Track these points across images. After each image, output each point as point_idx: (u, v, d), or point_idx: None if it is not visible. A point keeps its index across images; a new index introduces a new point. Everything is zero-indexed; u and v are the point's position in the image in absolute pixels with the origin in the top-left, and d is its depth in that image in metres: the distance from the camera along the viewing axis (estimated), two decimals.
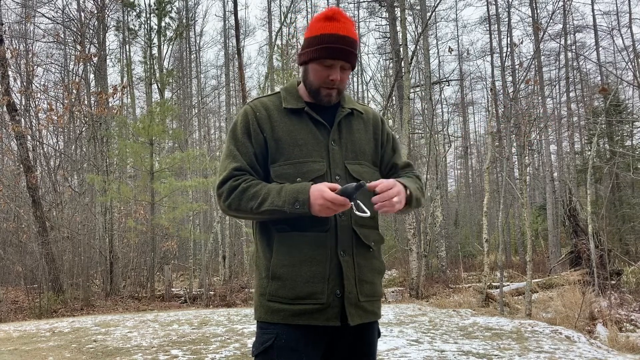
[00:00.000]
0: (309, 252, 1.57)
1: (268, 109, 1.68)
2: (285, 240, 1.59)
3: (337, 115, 1.71)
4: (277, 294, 1.58)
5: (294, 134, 1.64)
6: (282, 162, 1.62)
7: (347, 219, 1.61)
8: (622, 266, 13.01)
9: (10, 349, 5.73)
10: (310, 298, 1.56)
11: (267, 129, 1.65)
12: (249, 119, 1.67)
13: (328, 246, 1.58)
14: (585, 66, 26.59)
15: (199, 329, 6.77)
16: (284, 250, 1.58)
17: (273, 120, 1.66)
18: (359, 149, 1.72)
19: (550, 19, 17.24)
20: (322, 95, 1.66)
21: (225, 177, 1.62)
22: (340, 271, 1.58)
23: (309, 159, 1.63)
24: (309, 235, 1.58)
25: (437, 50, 29.10)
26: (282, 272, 1.58)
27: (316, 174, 1.61)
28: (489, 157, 11.02)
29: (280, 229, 1.60)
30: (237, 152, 1.65)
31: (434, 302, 10.47)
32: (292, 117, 1.67)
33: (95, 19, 18.18)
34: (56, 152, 16.66)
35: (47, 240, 11.57)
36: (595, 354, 5.08)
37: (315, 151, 1.64)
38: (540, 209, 23.43)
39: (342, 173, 1.65)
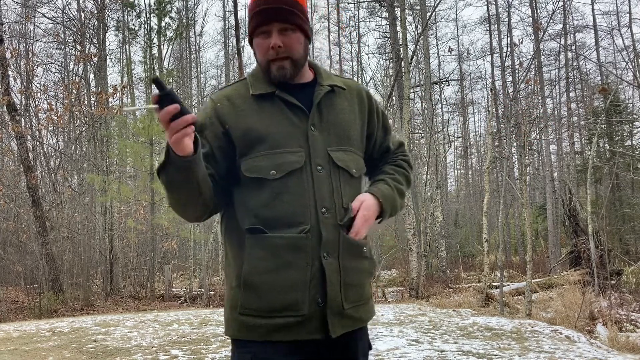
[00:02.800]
0: (286, 257, 1.37)
1: (231, 99, 1.47)
2: (259, 243, 1.39)
3: (315, 95, 1.48)
4: (251, 306, 1.38)
5: (266, 121, 1.43)
6: (253, 155, 1.41)
7: (332, 216, 1.42)
8: (622, 266, 13.01)
9: (10, 349, 5.73)
10: (289, 310, 1.37)
11: (231, 120, 1.43)
12: (207, 113, 1.46)
13: (309, 249, 1.38)
14: (585, 66, 26.61)
15: (199, 329, 6.78)
16: (258, 255, 1.38)
17: (238, 109, 1.45)
18: (343, 133, 1.50)
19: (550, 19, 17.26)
20: (273, 71, 1.43)
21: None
22: (323, 276, 1.39)
23: (285, 148, 1.41)
24: (287, 237, 1.38)
25: (437, 50, 29.12)
26: (256, 281, 1.38)
27: (294, 166, 1.40)
28: (489, 157, 11.02)
29: (253, 231, 1.40)
30: None
31: (434, 302, 10.47)
32: (262, 103, 1.45)
33: (95, 19, 18.18)
34: (56, 152, 16.66)
35: (47, 240, 11.57)
36: (595, 354, 5.08)
37: (291, 139, 1.42)
38: (540, 209, 23.43)
39: (325, 162, 1.44)
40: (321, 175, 1.43)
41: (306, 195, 1.40)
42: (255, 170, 1.40)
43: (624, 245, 19.87)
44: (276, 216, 1.39)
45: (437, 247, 17.42)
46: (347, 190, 1.46)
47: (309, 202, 1.40)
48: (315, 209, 1.40)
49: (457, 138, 31.59)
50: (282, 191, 1.39)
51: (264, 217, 1.39)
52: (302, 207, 1.39)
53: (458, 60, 29.64)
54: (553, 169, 22.45)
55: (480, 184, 28.92)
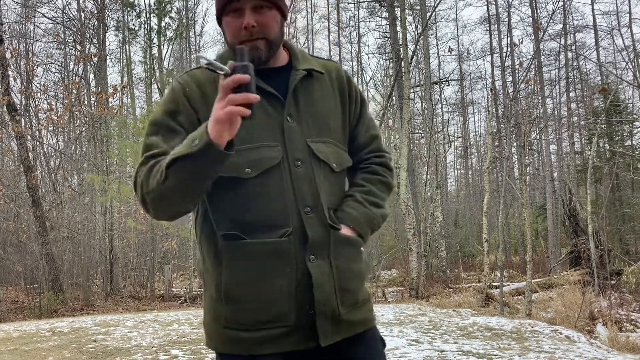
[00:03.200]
0: (268, 264, 1.25)
1: (200, 84, 1.30)
2: (238, 251, 1.25)
3: (291, 81, 1.32)
4: (235, 320, 1.27)
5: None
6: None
7: (317, 215, 1.28)
8: (622, 266, 13.01)
9: (10, 349, 5.73)
10: (276, 321, 1.26)
11: (201, 108, 1.26)
12: (176, 96, 1.29)
13: (292, 253, 1.25)
14: (585, 66, 26.61)
15: (199, 329, 6.77)
16: (237, 265, 1.25)
17: (207, 97, 1.26)
18: (322, 123, 1.35)
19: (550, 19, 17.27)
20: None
21: (137, 169, 1.26)
22: (310, 280, 1.26)
23: (261, 142, 1.26)
24: (269, 242, 1.25)
25: (437, 50, 29.11)
26: (237, 293, 1.26)
27: (271, 162, 1.26)
28: (489, 157, 11.02)
29: (229, 237, 1.26)
30: (156, 139, 1.25)
31: (434, 302, 10.47)
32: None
33: (95, 19, 18.18)
34: (56, 152, 16.66)
35: (47, 240, 11.57)
36: (595, 354, 5.08)
37: (266, 132, 1.27)
38: (540, 209, 23.44)
39: (304, 156, 1.30)
40: (300, 171, 1.29)
41: (286, 194, 1.27)
42: (228, 168, 1.22)
43: (624, 245, 19.87)
44: (254, 220, 1.26)
45: (437, 247, 17.43)
46: (325, 185, 1.33)
47: (289, 203, 1.27)
48: (297, 209, 1.27)
49: (457, 138, 31.60)
50: (259, 192, 1.26)
51: (241, 221, 1.26)
52: (282, 208, 1.26)
53: (458, 60, 29.64)
54: (553, 169, 22.45)
55: (480, 184, 28.92)
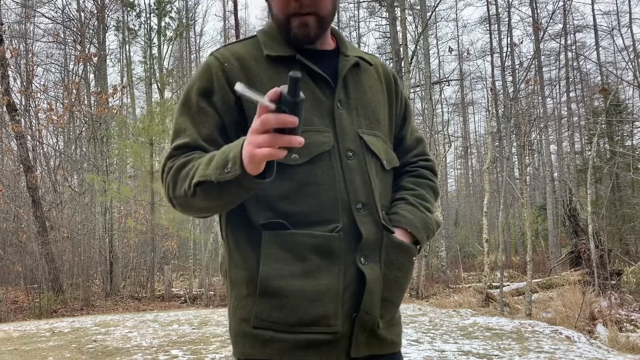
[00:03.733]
0: (314, 260, 1.10)
1: (242, 59, 1.17)
2: (280, 241, 1.11)
3: (341, 66, 1.21)
4: (270, 318, 1.10)
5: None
6: None
7: (370, 213, 1.16)
8: (622, 266, 13.02)
9: (10, 349, 5.73)
10: (319, 324, 1.09)
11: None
12: (212, 74, 1.16)
13: (342, 252, 1.12)
14: (585, 66, 26.60)
15: (199, 329, 6.77)
16: (279, 257, 1.10)
17: (251, 72, 1.16)
18: (372, 115, 1.24)
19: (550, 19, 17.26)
20: (294, 28, 1.15)
21: (165, 160, 1.14)
22: (360, 285, 1.13)
23: (310, 127, 1.12)
24: (317, 235, 1.11)
25: (437, 50, 29.12)
26: (277, 286, 1.09)
27: (322, 148, 1.13)
28: (489, 157, 11.02)
29: (272, 226, 1.12)
30: (188, 124, 1.14)
31: (434, 302, 10.47)
32: (279, 68, 1.17)
33: (95, 19, 18.19)
34: (56, 152, 16.66)
35: (47, 240, 11.57)
36: (595, 354, 5.08)
37: (316, 117, 1.15)
38: (540, 209, 23.44)
39: (356, 147, 1.17)
40: (352, 163, 1.16)
41: (337, 186, 1.13)
42: None
43: (624, 245, 19.86)
44: (300, 211, 1.12)
45: (437, 247, 17.43)
46: (376, 184, 1.20)
47: (340, 196, 1.13)
48: (348, 204, 1.13)
49: (457, 138, 31.60)
50: (307, 180, 1.12)
51: (285, 211, 1.12)
52: (333, 201, 1.13)
53: (458, 60, 29.66)
54: (553, 169, 22.46)
55: (480, 184, 28.91)
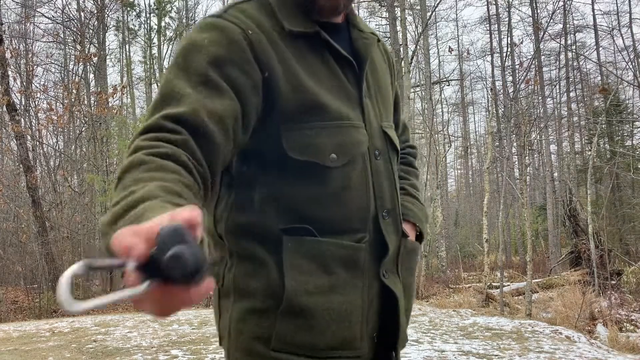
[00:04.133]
0: (340, 273, 0.96)
1: (265, 30, 0.93)
2: (303, 251, 0.94)
3: (362, 45, 1.02)
4: (295, 341, 0.93)
5: (318, 76, 0.95)
6: (306, 125, 0.93)
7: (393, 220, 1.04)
8: (622, 266, 13.00)
9: (10, 349, 5.73)
10: (345, 347, 0.96)
11: (275, 64, 0.91)
12: (233, 42, 0.89)
13: (365, 264, 0.99)
14: (585, 66, 26.59)
15: (199, 329, 6.77)
16: (304, 267, 0.94)
17: (280, 49, 0.93)
18: (387, 102, 1.10)
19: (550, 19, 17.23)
20: (321, 1, 0.96)
21: (140, 131, 0.82)
22: (382, 301, 1.02)
23: (346, 122, 0.96)
24: (346, 246, 0.97)
25: (437, 50, 29.12)
26: (306, 304, 0.93)
27: (359, 149, 0.97)
28: (489, 157, 11.02)
29: (295, 232, 0.94)
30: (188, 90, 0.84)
31: (434, 302, 10.46)
32: (299, 45, 0.95)
33: (95, 18, 18.19)
34: (56, 152, 16.66)
35: (46, 240, 11.57)
36: (595, 354, 5.07)
37: (349, 108, 0.98)
38: (540, 209, 23.44)
39: (382, 144, 1.03)
40: (379, 164, 1.02)
41: (368, 192, 1.00)
42: (310, 151, 0.93)
43: (624, 246, 19.86)
44: (330, 218, 0.96)
45: (437, 247, 17.43)
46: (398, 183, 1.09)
47: (370, 203, 1.00)
48: (375, 212, 1.01)
49: (457, 138, 31.59)
50: (342, 185, 0.96)
51: (312, 217, 0.95)
52: (363, 209, 0.99)
53: (458, 60, 29.65)
54: (553, 169, 22.45)
55: (481, 184, 28.91)
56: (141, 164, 0.73)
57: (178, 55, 0.90)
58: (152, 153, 0.75)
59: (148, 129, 0.81)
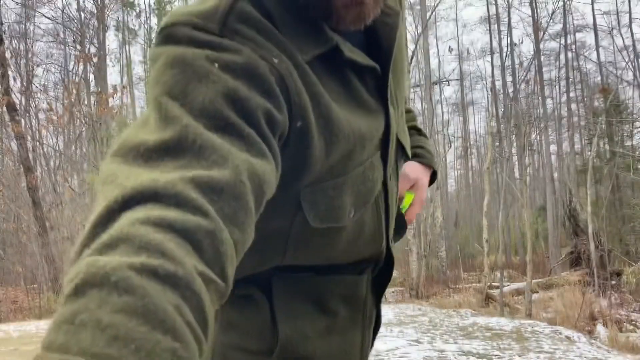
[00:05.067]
0: (340, 310, 0.83)
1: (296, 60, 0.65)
2: (301, 289, 0.80)
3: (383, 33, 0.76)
4: None
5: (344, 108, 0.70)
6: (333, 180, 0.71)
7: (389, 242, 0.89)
8: (622, 266, 13.02)
9: (10, 349, 5.73)
10: None
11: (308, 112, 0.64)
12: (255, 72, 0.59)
13: (365, 295, 0.86)
14: (585, 66, 26.61)
15: None
16: (300, 309, 0.80)
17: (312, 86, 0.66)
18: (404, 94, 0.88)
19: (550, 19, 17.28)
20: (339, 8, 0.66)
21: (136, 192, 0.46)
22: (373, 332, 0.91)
23: (368, 159, 0.75)
24: (349, 280, 0.84)
25: (437, 50, 29.11)
26: (304, 352, 0.80)
27: (374, 191, 0.78)
28: (489, 157, 11.02)
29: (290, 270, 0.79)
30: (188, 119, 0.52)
31: (434, 303, 10.47)
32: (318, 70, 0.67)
33: (95, 19, 18.20)
34: (56, 153, 16.66)
35: (47, 241, 11.57)
36: (595, 354, 5.08)
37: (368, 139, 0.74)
38: (540, 209, 23.44)
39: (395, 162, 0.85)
40: (392, 185, 0.85)
41: (381, 225, 0.83)
42: (332, 216, 0.73)
43: (624, 246, 19.86)
44: (334, 257, 0.81)
45: (437, 247, 17.42)
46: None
47: (382, 234, 0.84)
48: (386, 237, 0.85)
49: (457, 138, 31.59)
50: (357, 234, 0.79)
51: (313, 256, 0.80)
52: (376, 243, 0.84)
53: (458, 60, 29.66)
54: (553, 170, 22.47)
55: (481, 185, 28.92)
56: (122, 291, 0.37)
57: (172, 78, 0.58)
58: (152, 270, 0.39)
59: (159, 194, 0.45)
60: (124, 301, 0.36)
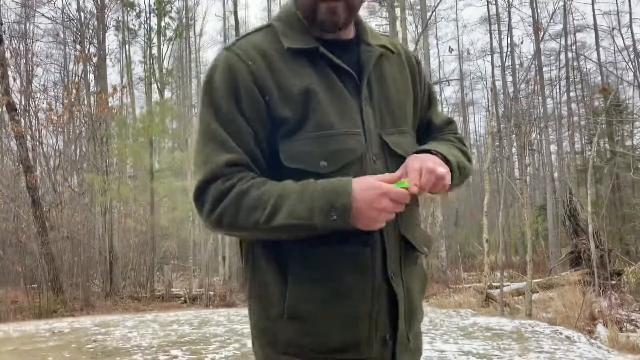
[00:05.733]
0: (346, 279, 1.01)
1: (266, 55, 1.05)
2: (308, 259, 1.01)
3: (365, 58, 1.10)
4: (299, 343, 1.02)
5: (313, 88, 1.03)
6: (297, 136, 1.02)
7: (393, 223, 1.04)
8: (622, 266, 13.00)
9: (10, 349, 5.72)
10: (350, 350, 1.02)
11: (272, 88, 1.02)
12: (236, 76, 1.03)
13: (374, 267, 1.03)
14: (585, 66, 26.60)
15: (199, 329, 6.77)
16: (307, 276, 1.01)
17: (276, 70, 1.04)
18: (398, 109, 1.13)
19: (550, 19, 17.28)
20: (320, 14, 1.03)
21: (209, 177, 1.00)
22: (393, 304, 1.05)
23: (340, 129, 1.02)
24: (349, 253, 1.01)
25: (437, 50, 29.12)
26: (306, 311, 1.01)
27: (353, 155, 1.03)
28: (489, 157, 11.02)
29: (299, 242, 1.01)
30: (225, 134, 1.02)
31: (434, 303, 10.46)
32: (301, 62, 1.05)
33: (95, 19, 18.20)
34: (56, 152, 16.65)
35: (46, 240, 11.57)
36: (595, 354, 5.07)
37: (344, 117, 1.04)
38: (540, 209, 23.43)
39: (379, 151, 1.07)
40: (377, 169, 1.05)
41: None
42: (300, 159, 1.01)
43: (624, 246, 19.85)
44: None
45: (437, 247, 17.42)
46: None
47: None
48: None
49: None
50: None
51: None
52: None
53: (458, 60, 29.67)
54: (553, 169, 22.46)
55: (481, 184, 28.91)
56: (246, 190, 0.99)
57: (205, 95, 1.06)
58: (243, 184, 1.01)
59: (213, 176, 1.01)
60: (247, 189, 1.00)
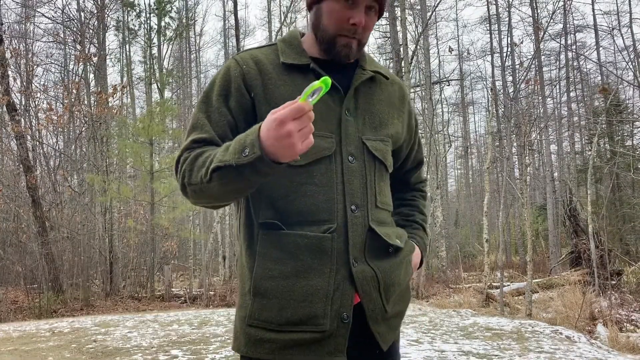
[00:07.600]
0: (307, 260, 1.16)
1: (260, 63, 1.24)
2: (274, 241, 1.18)
3: (355, 78, 1.27)
4: (261, 317, 1.16)
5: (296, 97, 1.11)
6: None
7: (362, 215, 1.21)
8: (622, 266, 13.00)
9: (10, 349, 5.72)
10: (306, 323, 1.15)
11: (258, 88, 1.21)
12: (230, 76, 1.23)
13: (334, 252, 1.17)
14: (585, 66, 26.59)
15: (199, 329, 6.77)
16: (272, 256, 1.17)
17: (266, 76, 1.22)
18: (380, 124, 1.29)
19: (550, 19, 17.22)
20: (338, 46, 1.22)
21: (181, 152, 1.20)
22: (351, 286, 1.18)
23: (316, 132, 1.11)
24: (311, 236, 1.16)
25: (437, 50, 29.11)
26: (267, 287, 1.16)
27: (322, 153, 1.19)
28: (489, 157, 11.01)
29: (267, 226, 1.19)
30: (205, 121, 1.21)
31: (434, 302, 10.46)
32: (293, 75, 1.23)
33: (95, 18, 18.19)
34: (56, 152, 16.65)
35: (46, 240, 11.57)
36: (595, 354, 5.07)
37: (323, 122, 1.19)
38: (540, 209, 23.44)
39: (358, 152, 1.23)
40: (353, 166, 1.22)
41: (334, 188, 1.20)
42: None
43: (624, 246, 19.86)
44: (297, 210, 1.18)
45: (437, 247, 17.42)
46: (381, 186, 1.28)
47: (336, 197, 1.19)
48: (343, 205, 1.20)
49: (457, 138, 31.60)
50: (305, 181, 1.19)
51: (283, 210, 1.19)
52: (328, 201, 1.19)
53: (458, 60, 29.66)
54: (553, 169, 22.45)
55: (481, 184, 28.91)
56: (200, 154, 1.15)
57: (203, 92, 1.27)
58: (198, 150, 1.17)
59: (185, 148, 1.20)
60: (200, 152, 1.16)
